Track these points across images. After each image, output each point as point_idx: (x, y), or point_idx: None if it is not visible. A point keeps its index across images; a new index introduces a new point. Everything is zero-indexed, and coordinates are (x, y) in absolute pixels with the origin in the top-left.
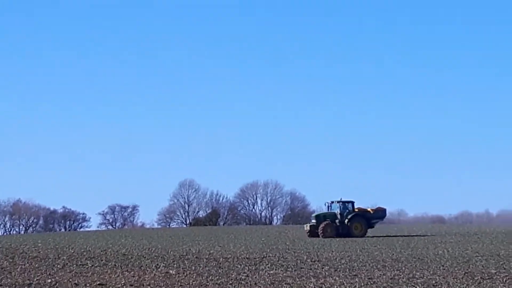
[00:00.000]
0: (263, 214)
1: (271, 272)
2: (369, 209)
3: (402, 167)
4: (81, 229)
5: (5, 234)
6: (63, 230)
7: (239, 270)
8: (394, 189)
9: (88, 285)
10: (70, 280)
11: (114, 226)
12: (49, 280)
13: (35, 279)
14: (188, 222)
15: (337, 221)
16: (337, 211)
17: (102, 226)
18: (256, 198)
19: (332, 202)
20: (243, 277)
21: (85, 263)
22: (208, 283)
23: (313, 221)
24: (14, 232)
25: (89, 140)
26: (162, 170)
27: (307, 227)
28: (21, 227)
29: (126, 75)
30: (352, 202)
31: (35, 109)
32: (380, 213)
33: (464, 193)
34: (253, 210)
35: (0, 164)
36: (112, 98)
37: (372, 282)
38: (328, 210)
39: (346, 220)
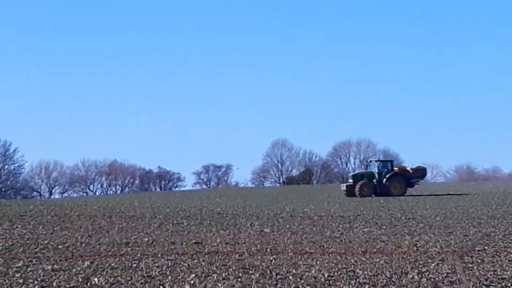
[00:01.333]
0: None
1: (366, 230)
2: (408, 168)
3: (497, 123)
4: (176, 189)
5: (102, 194)
6: (158, 189)
7: (333, 228)
8: (489, 146)
9: (184, 243)
10: (167, 238)
11: (208, 186)
12: (146, 239)
13: (132, 238)
14: (281, 181)
15: (374, 180)
16: (375, 170)
17: (197, 186)
18: (349, 157)
19: (371, 161)
20: (337, 235)
21: (181, 222)
22: (302, 241)
23: (350, 180)
24: (111, 192)
25: (183, 100)
26: (256, 130)
27: (343, 186)
28: (117, 187)
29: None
30: (391, 161)
31: (128, 71)
32: (420, 172)
33: None
34: (346, 168)
35: (97, 125)
36: (208, 59)
37: (467, 239)
38: (366, 169)
39: (384, 180)
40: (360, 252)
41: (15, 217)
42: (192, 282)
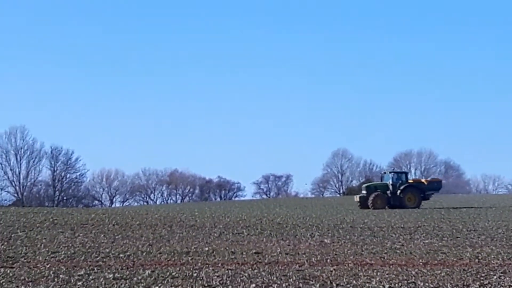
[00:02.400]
0: None
1: (426, 241)
2: (423, 180)
3: None
4: (236, 199)
5: (162, 203)
6: (218, 199)
7: (393, 239)
8: None
9: (244, 253)
10: (227, 248)
11: (268, 196)
12: (206, 248)
13: (192, 247)
14: (341, 191)
15: (388, 192)
16: (389, 182)
17: (257, 196)
18: (410, 167)
19: (385, 172)
20: (398, 246)
21: (241, 231)
22: (363, 252)
23: (364, 192)
24: (171, 201)
25: (243, 110)
26: (316, 140)
27: (357, 198)
28: (177, 196)
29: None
30: (406, 173)
31: (188, 80)
32: (435, 185)
33: None
34: None
35: (158, 135)
36: (267, 69)
37: None
38: (381, 181)
39: (399, 191)
40: (421, 263)
41: (76, 226)
42: None
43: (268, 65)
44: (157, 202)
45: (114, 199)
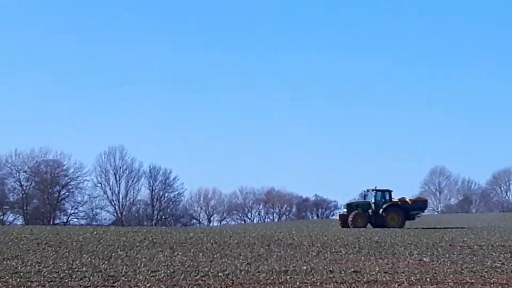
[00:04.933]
0: None
1: None
2: (407, 199)
3: None
4: (333, 217)
5: (259, 221)
6: (315, 217)
7: (494, 257)
8: None
9: (342, 272)
10: (325, 267)
11: None
12: (305, 267)
13: (290, 266)
14: (439, 209)
15: (370, 210)
16: (372, 200)
17: None
18: (509, 185)
19: (368, 190)
20: (498, 264)
21: (339, 250)
22: (463, 271)
23: (344, 210)
24: (268, 219)
25: (338, 129)
26: (413, 157)
27: (337, 216)
28: (274, 215)
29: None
30: (389, 191)
31: (286, 98)
32: (420, 204)
33: None
34: (506, 197)
35: (254, 154)
36: (369, 85)
37: None
38: (364, 199)
39: (381, 210)
40: None
41: (175, 245)
42: None
43: (368, 83)
44: (254, 221)
45: (211, 218)
